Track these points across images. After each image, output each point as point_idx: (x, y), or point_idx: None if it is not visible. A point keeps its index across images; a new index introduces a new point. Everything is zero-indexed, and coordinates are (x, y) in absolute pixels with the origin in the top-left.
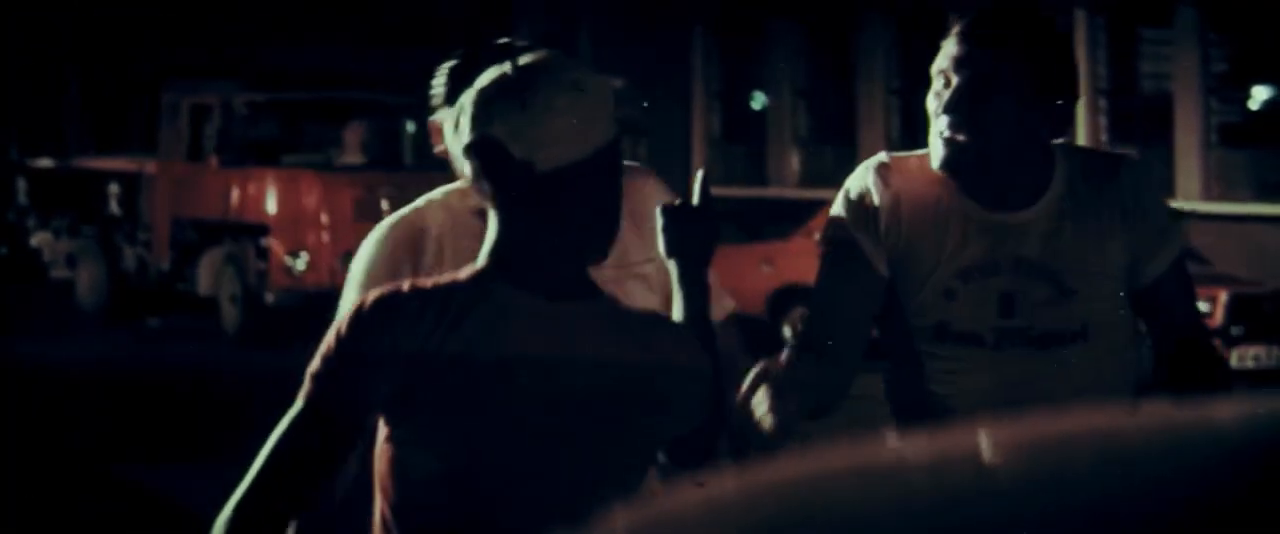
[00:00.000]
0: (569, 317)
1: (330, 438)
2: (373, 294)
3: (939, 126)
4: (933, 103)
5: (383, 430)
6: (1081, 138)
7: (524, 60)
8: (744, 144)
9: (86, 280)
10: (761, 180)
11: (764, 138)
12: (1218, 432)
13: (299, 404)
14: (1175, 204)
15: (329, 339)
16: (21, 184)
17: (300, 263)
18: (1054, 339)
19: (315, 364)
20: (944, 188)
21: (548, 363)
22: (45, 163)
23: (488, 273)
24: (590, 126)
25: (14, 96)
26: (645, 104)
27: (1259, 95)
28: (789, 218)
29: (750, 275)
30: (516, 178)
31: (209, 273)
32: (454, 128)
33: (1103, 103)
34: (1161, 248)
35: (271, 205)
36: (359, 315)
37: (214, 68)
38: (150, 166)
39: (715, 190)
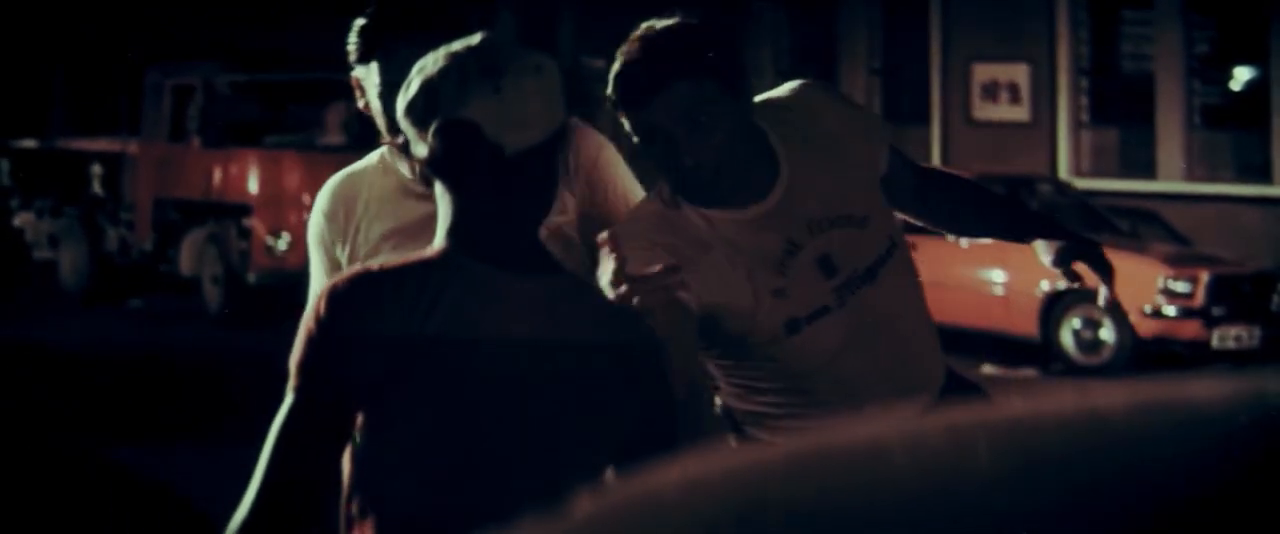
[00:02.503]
0: (536, 294)
1: (329, 426)
2: (346, 275)
3: (685, 172)
4: (658, 159)
5: (368, 411)
6: (1062, 119)
7: (474, 41)
8: None
9: (69, 261)
10: None
11: None
12: (1199, 412)
13: (291, 397)
14: (1157, 184)
15: (308, 324)
16: (4, 165)
17: (282, 243)
18: (877, 265)
19: (299, 353)
20: (699, 220)
21: (521, 341)
22: (28, 143)
23: (454, 251)
24: (552, 109)
25: None
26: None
27: (1240, 76)
28: None
29: None
30: (485, 160)
31: (191, 253)
32: (406, 106)
33: (1084, 83)
34: (879, 142)
35: (254, 186)
36: (336, 297)
37: (196, 49)
38: (133, 147)
39: None
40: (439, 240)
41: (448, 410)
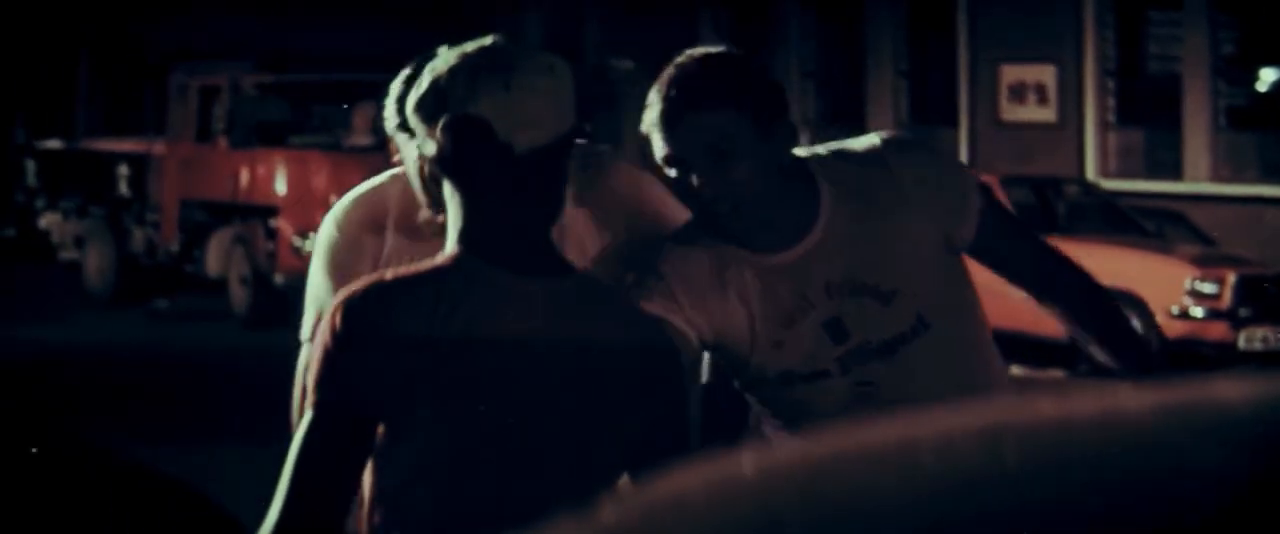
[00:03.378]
0: (550, 295)
1: (350, 442)
2: (360, 285)
3: (703, 204)
4: (680, 189)
5: (388, 419)
6: (1089, 120)
7: (486, 42)
8: None
9: (95, 262)
10: None
11: None
12: (1226, 413)
13: (310, 414)
14: (1185, 185)
15: (324, 338)
16: (30, 165)
17: (309, 244)
18: (897, 343)
19: (315, 368)
20: (719, 257)
21: (538, 343)
22: (54, 144)
23: (465, 254)
24: (563, 109)
25: (23, 78)
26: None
27: (1267, 77)
28: None
29: None
30: (495, 158)
31: (218, 254)
32: (416, 102)
33: (1110, 84)
34: (962, 208)
35: (280, 186)
36: (351, 309)
37: (223, 49)
38: (159, 148)
39: None
40: (450, 245)
41: (469, 417)
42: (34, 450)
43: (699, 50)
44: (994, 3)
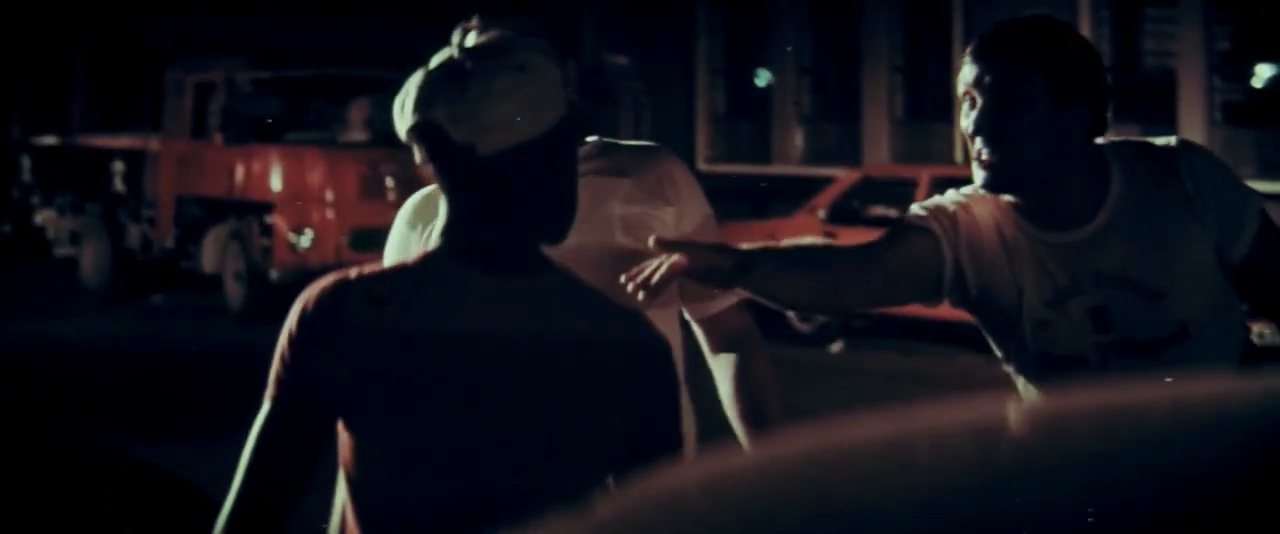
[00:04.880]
0: (520, 294)
1: (304, 438)
2: (320, 283)
3: (974, 150)
4: (965, 125)
5: (340, 425)
6: None
7: (470, 42)
8: (748, 121)
9: (90, 258)
10: (765, 157)
11: (768, 115)
12: (1226, 407)
13: (266, 407)
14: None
15: (285, 332)
16: (25, 161)
17: (304, 240)
18: (1157, 345)
19: (275, 364)
20: (1006, 220)
21: (500, 341)
22: (49, 140)
23: (438, 254)
24: (534, 109)
25: (18, 74)
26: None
27: (1262, 74)
28: (793, 195)
29: None
30: (459, 161)
31: (213, 250)
32: (400, 110)
33: (1106, 80)
34: (1240, 225)
35: (276, 182)
36: (309, 305)
37: (218, 45)
38: (154, 144)
39: (719, 167)
40: (432, 241)
41: (426, 413)
42: (29, 446)
43: (1040, 12)
44: (988, 0)
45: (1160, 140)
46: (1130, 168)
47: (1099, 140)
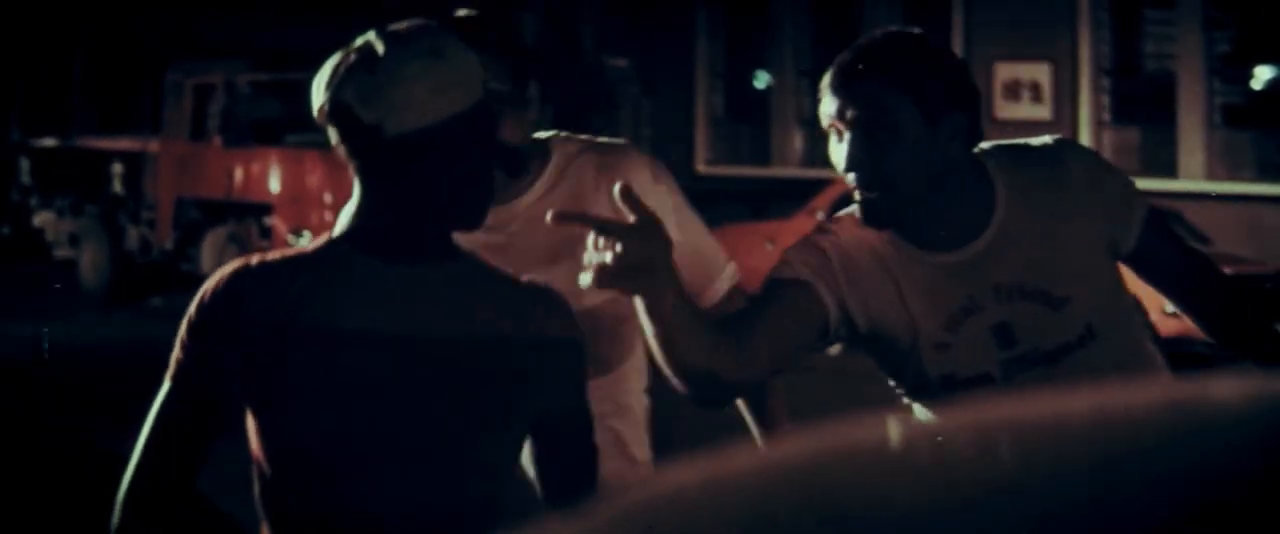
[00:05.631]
0: (423, 281)
1: (199, 412)
2: (222, 270)
3: (850, 184)
4: (834, 157)
5: (248, 414)
6: (1084, 118)
7: (390, 28)
8: (747, 123)
9: (89, 260)
10: (765, 160)
11: (768, 117)
12: (1221, 411)
13: (166, 384)
14: (1174, 184)
15: (186, 316)
16: (24, 163)
17: (303, 242)
18: (1064, 350)
19: (175, 348)
20: (885, 247)
21: (401, 330)
22: (48, 142)
23: (340, 240)
24: (444, 92)
25: (17, 76)
26: (640, 85)
27: (1262, 75)
28: (792, 197)
29: (753, 254)
30: (366, 142)
31: (212, 252)
32: (315, 91)
33: (1106, 82)
34: (1128, 214)
35: (275, 184)
36: (207, 291)
37: (218, 47)
38: (154, 146)
39: (718, 170)
40: (336, 226)
41: (322, 404)
42: (29, 446)
43: (893, 27)
44: (989, 1)
45: (1037, 140)
46: (1011, 174)
47: (976, 149)
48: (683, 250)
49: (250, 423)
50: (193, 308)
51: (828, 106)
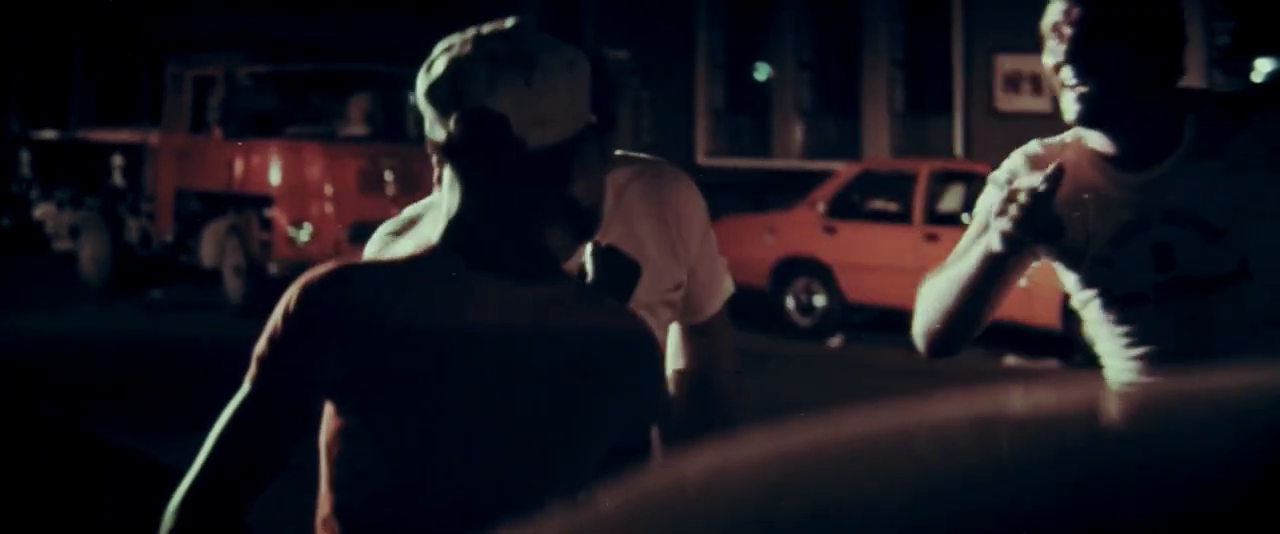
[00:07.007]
0: (524, 297)
1: (279, 424)
2: (319, 269)
3: (1064, 80)
4: (1049, 60)
5: (329, 414)
6: None
7: (507, 27)
8: (748, 115)
9: (90, 252)
10: (765, 152)
11: (768, 109)
12: (1219, 404)
13: (245, 389)
14: None
15: (274, 319)
16: (25, 156)
17: (304, 234)
18: (1216, 282)
19: (261, 346)
20: (1083, 161)
21: (501, 342)
22: (48, 134)
23: (443, 250)
24: (579, 108)
25: (17, 68)
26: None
27: (1262, 68)
28: (792, 189)
29: (754, 245)
30: (505, 154)
31: (212, 244)
32: (428, 87)
33: None
34: None
35: (275, 177)
36: (305, 292)
37: (218, 39)
38: (154, 138)
39: (719, 162)
40: (434, 236)
41: (421, 408)
42: (28, 440)
43: None
44: None
45: (1238, 92)
46: (1206, 112)
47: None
48: (701, 263)
49: (329, 433)
50: (291, 303)
51: (1053, 13)
